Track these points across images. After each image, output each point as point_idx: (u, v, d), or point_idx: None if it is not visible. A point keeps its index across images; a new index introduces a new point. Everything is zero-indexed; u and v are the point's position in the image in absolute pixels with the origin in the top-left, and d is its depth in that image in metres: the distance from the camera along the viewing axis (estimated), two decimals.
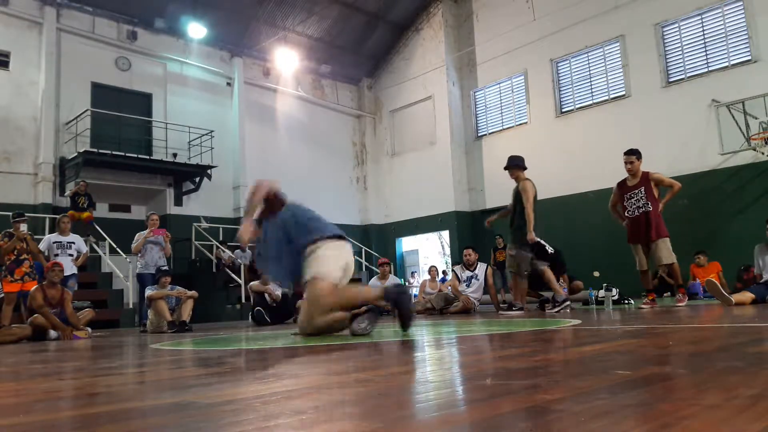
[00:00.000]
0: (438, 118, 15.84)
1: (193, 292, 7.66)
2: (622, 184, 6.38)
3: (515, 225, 6.75)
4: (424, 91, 16.29)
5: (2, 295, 7.18)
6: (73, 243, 8.04)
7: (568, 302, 6.62)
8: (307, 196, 17.89)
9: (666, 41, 12.21)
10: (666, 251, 6.01)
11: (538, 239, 6.59)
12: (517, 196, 6.77)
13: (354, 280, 5.16)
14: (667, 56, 12.17)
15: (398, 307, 3.67)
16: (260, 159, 15.14)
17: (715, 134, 10.94)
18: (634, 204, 6.19)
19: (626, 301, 7.86)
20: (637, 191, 6.18)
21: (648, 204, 6.09)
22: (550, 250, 6.86)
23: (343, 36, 16.40)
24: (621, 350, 2.15)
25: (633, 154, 6.24)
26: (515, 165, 6.91)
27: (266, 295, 8.46)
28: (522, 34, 14.33)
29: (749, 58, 11.05)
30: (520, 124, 14.65)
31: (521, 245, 6.61)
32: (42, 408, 1.48)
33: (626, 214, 6.30)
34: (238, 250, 12.79)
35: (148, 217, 8.38)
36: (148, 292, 7.49)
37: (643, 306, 6.09)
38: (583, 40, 13.34)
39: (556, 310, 6.42)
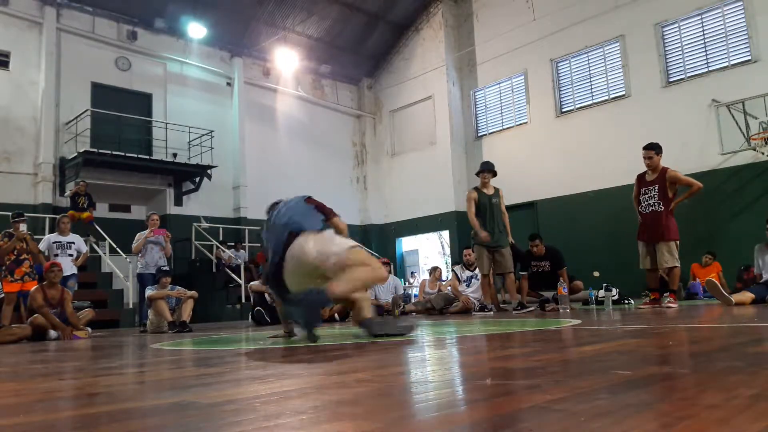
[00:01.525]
0: (438, 118, 15.84)
1: (193, 292, 7.66)
2: (641, 178, 6.25)
3: (499, 227, 7.03)
4: (424, 91, 16.28)
5: (2, 295, 7.18)
6: (73, 243, 8.04)
7: (531, 308, 6.90)
8: None
9: (666, 41, 12.21)
10: (668, 255, 5.89)
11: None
12: (492, 200, 7.06)
13: None
14: (667, 56, 12.17)
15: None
16: (260, 159, 15.15)
17: (715, 134, 10.94)
18: (647, 201, 6.09)
19: (626, 301, 7.86)
20: (652, 187, 6.06)
21: (659, 203, 5.97)
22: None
23: (343, 36, 16.40)
24: (621, 350, 2.15)
25: (652, 149, 6.10)
26: (494, 171, 7.27)
27: (266, 295, 8.44)
28: (522, 34, 14.32)
29: (749, 58, 11.05)
30: (520, 124, 14.65)
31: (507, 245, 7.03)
32: (42, 408, 1.48)
33: (639, 209, 6.21)
34: (232, 250, 12.80)
35: (148, 217, 8.37)
36: (149, 292, 7.48)
37: (642, 306, 6.07)
38: (583, 40, 13.34)
39: (521, 311, 6.68)
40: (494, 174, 7.25)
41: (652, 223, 6.01)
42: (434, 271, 9.92)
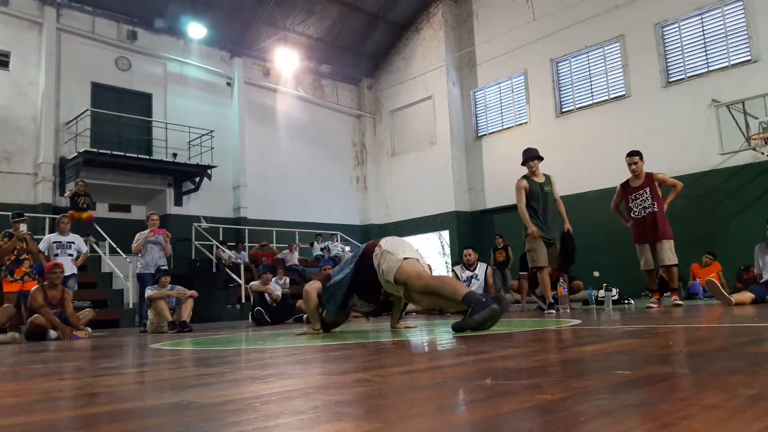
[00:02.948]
0: (438, 118, 15.85)
1: (193, 292, 7.66)
2: (625, 186, 6.41)
3: (552, 217, 6.55)
4: (424, 91, 16.29)
5: None
6: (73, 243, 8.03)
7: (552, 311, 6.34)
8: (307, 196, 17.76)
9: (666, 41, 12.21)
10: (670, 252, 6.06)
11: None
12: (544, 189, 6.56)
13: None
14: (667, 56, 12.17)
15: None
16: (260, 159, 15.15)
17: (715, 134, 10.94)
18: (640, 205, 6.22)
19: (626, 301, 7.86)
20: (642, 192, 6.22)
21: (654, 204, 6.13)
22: None
23: (343, 36, 16.40)
24: (621, 350, 2.15)
25: (636, 155, 6.27)
26: (541, 156, 6.72)
27: (266, 295, 8.46)
28: (522, 34, 14.32)
29: (749, 58, 11.05)
30: (520, 124, 14.65)
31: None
32: (42, 408, 1.48)
33: (631, 215, 6.32)
34: (233, 250, 12.79)
35: (148, 217, 8.38)
36: (148, 292, 7.48)
37: (651, 305, 6.06)
38: (583, 40, 13.34)
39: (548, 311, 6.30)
40: (541, 159, 6.71)
41: (652, 223, 6.12)
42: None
